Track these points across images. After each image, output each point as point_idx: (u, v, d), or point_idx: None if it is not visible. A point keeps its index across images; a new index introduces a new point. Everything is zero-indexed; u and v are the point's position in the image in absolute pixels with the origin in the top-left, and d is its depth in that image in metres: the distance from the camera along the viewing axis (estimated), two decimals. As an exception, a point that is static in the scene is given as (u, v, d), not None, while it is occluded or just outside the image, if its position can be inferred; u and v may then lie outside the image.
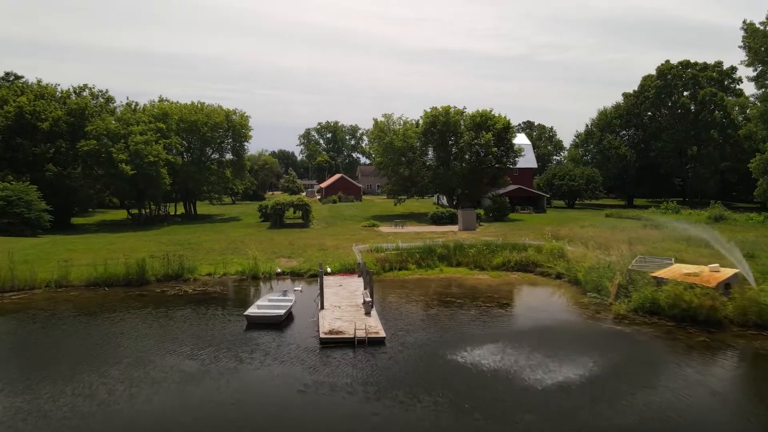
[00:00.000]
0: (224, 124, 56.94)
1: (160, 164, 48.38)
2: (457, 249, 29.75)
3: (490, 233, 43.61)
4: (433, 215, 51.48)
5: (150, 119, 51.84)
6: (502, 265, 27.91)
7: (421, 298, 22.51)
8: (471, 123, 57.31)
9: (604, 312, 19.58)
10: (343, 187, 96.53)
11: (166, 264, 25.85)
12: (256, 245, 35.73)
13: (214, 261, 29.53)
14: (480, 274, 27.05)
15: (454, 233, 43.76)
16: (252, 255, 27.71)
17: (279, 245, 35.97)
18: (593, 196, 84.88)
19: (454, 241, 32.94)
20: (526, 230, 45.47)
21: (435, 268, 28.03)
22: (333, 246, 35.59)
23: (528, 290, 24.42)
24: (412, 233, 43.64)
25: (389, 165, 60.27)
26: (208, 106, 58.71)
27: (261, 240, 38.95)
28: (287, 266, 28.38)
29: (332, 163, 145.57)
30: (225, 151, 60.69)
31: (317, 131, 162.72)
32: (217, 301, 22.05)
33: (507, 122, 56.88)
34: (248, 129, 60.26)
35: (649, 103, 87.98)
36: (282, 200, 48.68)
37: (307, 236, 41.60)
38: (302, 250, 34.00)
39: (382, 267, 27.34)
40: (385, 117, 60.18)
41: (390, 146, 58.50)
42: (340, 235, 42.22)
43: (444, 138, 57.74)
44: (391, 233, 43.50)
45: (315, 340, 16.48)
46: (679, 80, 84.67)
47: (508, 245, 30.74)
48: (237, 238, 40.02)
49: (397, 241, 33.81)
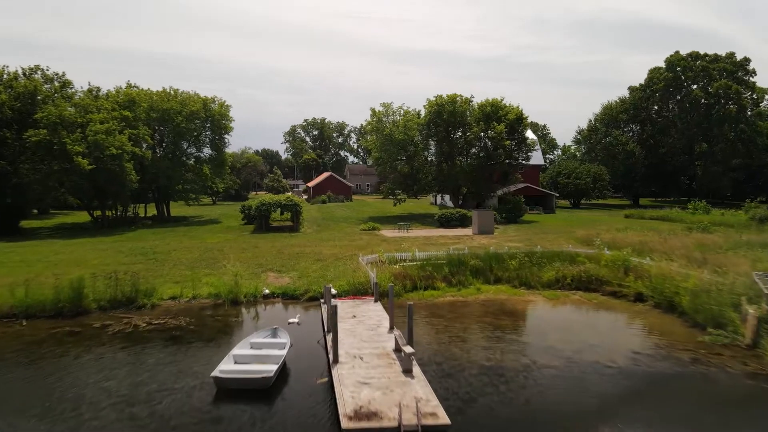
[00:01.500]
0: (201, 113, 50.02)
1: (124, 158, 41.34)
2: (493, 260, 23.53)
3: (511, 238, 37.54)
4: (441, 217, 45.31)
5: (114, 106, 44.71)
6: (555, 281, 21.76)
7: (465, 335, 16.20)
8: (480, 113, 51.28)
9: (747, 360, 13.51)
10: (333, 187, 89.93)
11: (113, 285, 19.13)
12: (236, 255, 29.12)
13: (183, 278, 22.87)
14: (530, 295, 20.85)
15: (471, 238, 37.60)
16: (232, 271, 21.10)
17: (265, 255, 29.39)
18: (600, 195, 79.69)
19: (484, 249, 26.75)
20: (551, 234, 39.51)
21: (469, 287, 21.78)
22: (332, 255, 29.14)
23: (607, 321, 18.15)
24: (421, 238, 37.35)
25: (388, 161, 53.94)
26: (183, 93, 51.73)
27: (243, 248, 32.30)
28: (277, 285, 21.84)
29: (319, 162, 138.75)
30: (203, 145, 53.70)
31: (303, 128, 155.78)
32: (176, 344, 15.41)
33: (519, 112, 50.99)
34: (229, 120, 53.38)
35: (658, 97, 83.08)
36: (268, 200, 42.04)
37: (298, 242, 35.06)
38: (294, 261, 27.48)
39: (403, 286, 20.99)
40: (383, 106, 53.88)
41: (389, 139, 52.18)
42: (337, 241, 35.76)
43: (449, 130, 51.58)
44: (397, 238, 37.16)
45: (329, 424, 10.14)
46: (689, 72, 79.88)
47: (553, 255, 24.64)
48: (214, 246, 33.29)
49: (413, 249, 27.48)
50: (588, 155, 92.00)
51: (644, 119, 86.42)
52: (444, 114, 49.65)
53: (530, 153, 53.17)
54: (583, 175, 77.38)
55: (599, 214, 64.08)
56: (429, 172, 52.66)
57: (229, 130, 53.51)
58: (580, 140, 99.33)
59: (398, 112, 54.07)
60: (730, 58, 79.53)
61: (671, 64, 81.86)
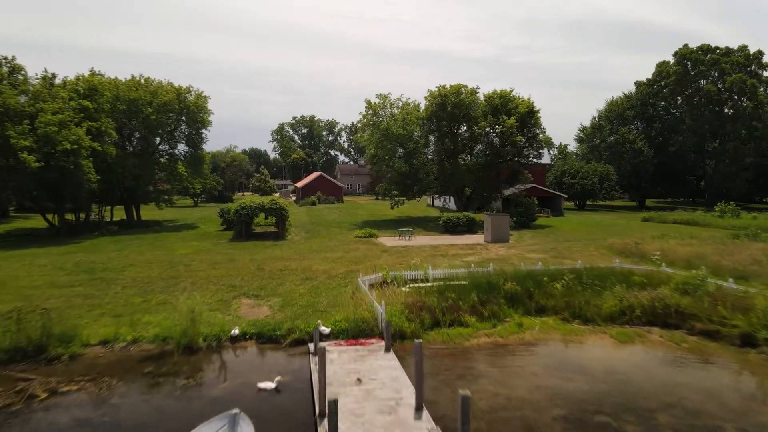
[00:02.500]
0: (175, 105, 44.23)
1: (81, 154, 35.53)
2: (531, 282, 18.26)
3: (532, 247, 32.37)
4: (447, 222, 40.05)
5: (72, 95, 38.84)
6: (619, 313, 16.50)
7: (526, 414, 10.90)
8: (486, 106, 46.10)
9: None
10: (323, 187, 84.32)
11: (14, 328, 13.54)
12: (206, 272, 23.60)
13: (128, 308, 17.33)
14: (590, 334, 15.57)
15: (484, 247, 32.37)
16: (187, 305, 15.53)
17: (241, 271, 23.88)
18: (608, 196, 74.99)
19: (505, 262, 21.55)
20: (576, 241, 34.44)
21: (506, 320, 16.49)
22: (323, 273, 23.74)
23: (727, 384, 12.65)
24: (427, 248, 32.04)
25: (385, 158, 48.56)
26: (155, 82, 45.88)
27: (216, 261, 26.73)
28: (251, 320, 16.36)
29: (308, 161, 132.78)
30: (177, 141, 47.88)
31: (292, 126, 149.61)
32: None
33: (531, 105, 45.90)
34: (207, 113, 47.60)
35: (667, 92, 78.62)
36: (249, 203, 36.45)
37: (283, 254, 29.56)
38: (277, 280, 22.03)
39: (420, 321, 15.64)
40: (380, 98, 48.42)
41: (387, 134, 46.83)
42: (329, 252, 30.33)
43: (453, 124, 46.32)
44: (399, 248, 31.83)
45: None
46: (702, 66, 75.48)
47: (603, 274, 19.43)
48: (182, 259, 27.68)
49: (424, 266, 22.14)
50: (591, 154, 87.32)
51: (652, 116, 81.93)
52: (448, 106, 44.37)
53: (542, 150, 48.08)
54: (589, 175, 72.75)
55: (611, 217, 59.33)
56: (431, 171, 47.37)
57: (207, 124, 47.77)
58: (583, 139, 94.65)
59: (396, 104, 48.74)
60: (743, 51, 75.30)
61: (681, 57, 77.46)
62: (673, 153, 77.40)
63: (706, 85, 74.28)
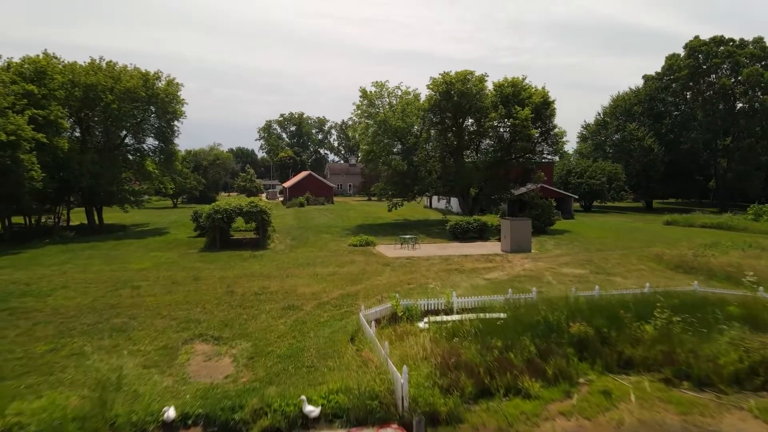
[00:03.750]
0: (141, 92, 38.37)
1: (22, 147, 29.70)
2: (604, 319, 12.96)
3: (562, 258, 27.16)
4: (455, 227, 34.76)
5: (14, 78, 32.97)
6: (748, 372, 11.24)
7: None
8: (496, 96, 40.90)
9: None
10: (312, 187, 78.66)
11: None
12: (158, 297, 18.02)
13: (15, 371, 11.76)
14: (723, 413, 10.20)
15: (505, 258, 27.13)
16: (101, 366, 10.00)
17: (205, 296, 18.35)
18: (617, 196, 70.23)
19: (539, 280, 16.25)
20: (609, 251, 29.33)
21: (580, 383, 11.18)
22: (312, 296, 18.33)
23: None
24: (437, 259, 26.71)
25: (381, 154, 43.16)
26: (119, 66, 39.97)
27: (176, 281, 21.12)
28: (202, 386, 10.84)
29: (297, 160, 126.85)
30: (145, 134, 42.02)
31: (279, 124, 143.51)
32: None
33: (545, 94, 40.81)
34: (180, 102, 41.79)
35: (678, 86, 74.11)
36: (224, 205, 30.82)
37: (262, 269, 24.02)
38: (250, 310, 16.55)
39: (459, 390, 10.24)
40: (376, 86, 42.91)
41: (384, 127, 41.42)
42: (319, 266, 24.86)
43: (459, 116, 41.03)
44: (403, 259, 26.44)
45: None
46: (715, 58, 71.04)
47: (688, 303, 14.18)
48: (133, 277, 22.04)
49: (447, 292, 16.72)
50: (596, 152, 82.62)
51: (662, 112, 77.40)
52: (453, 95, 39.06)
53: (558, 145, 42.95)
54: (597, 174, 68.00)
55: (625, 220, 54.57)
56: (433, 168, 42.00)
57: (179, 115, 41.95)
58: (586, 136, 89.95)
59: (395, 93, 43.31)
60: (758, 43, 71.01)
61: (692, 50, 73.01)
62: (686, 151, 72.90)
63: (720, 79, 69.86)
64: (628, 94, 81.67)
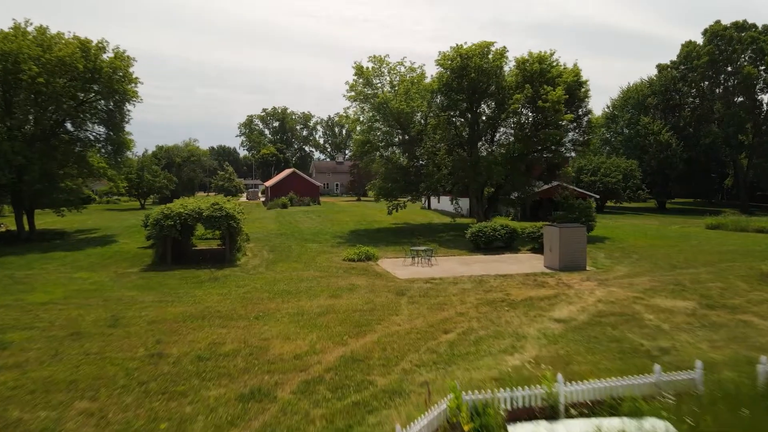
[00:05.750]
0: (79, 65, 30.39)
1: None
2: None
3: (634, 280, 19.98)
4: (477, 235, 27.50)
5: None
6: None
7: None
8: (518, 74, 33.75)
9: None
10: (296, 187, 70.78)
11: None
12: (27, 373, 10.12)
13: None
14: None
15: (559, 280, 19.86)
16: None
17: (109, 365, 10.57)
18: (633, 196, 63.73)
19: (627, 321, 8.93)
20: (688, 267, 22.28)
21: None
22: (293, 362, 10.84)
23: None
24: (467, 282, 19.31)
25: (379, 146, 35.74)
26: (51, 34, 31.86)
27: (82, 329, 13.21)
28: None
29: (280, 157, 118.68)
30: (86, 119, 33.93)
31: (261, 119, 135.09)
32: None
33: (578, 72, 33.80)
34: (132, 80, 33.80)
35: (699, 76, 67.92)
36: (177, 208, 23.06)
37: (221, 302, 16.34)
38: (178, 404, 8.93)
39: None
40: (374, 61, 35.27)
41: (383, 112, 33.97)
42: (304, 297, 17.32)
43: (475, 98, 33.78)
44: (421, 282, 18.96)
45: None
46: (737, 44, 64.98)
47: None
48: (19, 319, 14.20)
49: (547, 377, 9.23)
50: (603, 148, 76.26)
51: (679, 104, 71.27)
52: (471, 72, 31.79)
53: (591, 135, 35.83)
54: (612, 172, 61.45)
55: (652, 222, 48.09)
56: (442, 162, 34.60)
57: (131, 97, 33.95)
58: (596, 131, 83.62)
59: (396, 70, 35.76)
60: (785, 28, 65.28)
61: (713, 36, 66.93)
62: (707, 146, 66.73)
63: (745, 67, 63.77)
64: (640, 86, 75.43)
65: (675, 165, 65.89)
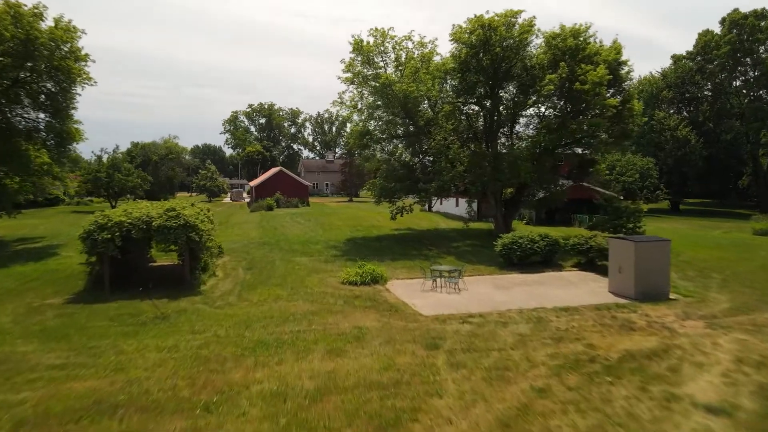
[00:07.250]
0: (8, 33, 24.19)
1: None
2: None
3: (740, 320, 14.38)
4: (509, 248, 21.76)
5: None
6: None
7: None
8: (547, 52, 28.11)
9: None
10: (284, 187, 64.58)
11: None
12: None
13: None
14: None
15: (646, 316, 14.12)
16: None
17: None
18: (651, 197, 58.56)
19: None
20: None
21: None
22: None
23: None
24: (522, 325, 13.45)
25: (381, 138, 29.92)
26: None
27: None
28: None
29: (267, 155, 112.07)
30: (17, 103, 27.61)
31: (247, 115, 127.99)
32: None
33: (619, 49, 28.26)
34: (80, 57, 27.62)
35: (718, 67, 62.98)
36: (118, 216, 17.06)
37: (158, 365, 10.21)
38: None
39: None
40: (376, 35, 29.26)
41: (386, 96, 28.12)
42: (290, 355, 11.34)
43: (497, 80, 28.06)
44: (457, 323, 13.00)
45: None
46: (759, 33, 60.16)
47: None
48: None
49: None
50: (613, 145, 71.24)
51: (697, 97, 66.35)
52: (495, 46, 26.08)
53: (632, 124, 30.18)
54: (629, 170, 56.28)
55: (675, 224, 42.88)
56: (457, 158, 28.79)
57: (79, 77, 27.72)
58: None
59: (403, 46, 29.83)
60: (810, 15, 60.55)
61: (732, 24, 62.02)
62: (727, 142, 61.84)
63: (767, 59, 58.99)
64: (654, 78, 70.41)
65: (694, 162, 60.91)
